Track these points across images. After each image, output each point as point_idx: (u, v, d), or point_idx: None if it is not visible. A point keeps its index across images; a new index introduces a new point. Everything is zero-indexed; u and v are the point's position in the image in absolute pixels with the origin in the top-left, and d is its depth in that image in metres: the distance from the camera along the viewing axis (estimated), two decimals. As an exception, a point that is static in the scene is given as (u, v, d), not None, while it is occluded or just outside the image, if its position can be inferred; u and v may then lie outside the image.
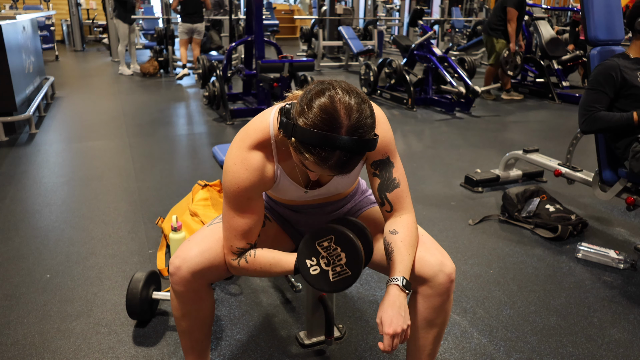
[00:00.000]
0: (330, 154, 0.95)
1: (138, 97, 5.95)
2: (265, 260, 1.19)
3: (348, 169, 1.00)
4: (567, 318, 1.87)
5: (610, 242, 2.48)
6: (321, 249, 1.12)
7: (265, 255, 1.20)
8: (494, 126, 4.86)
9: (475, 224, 2.65)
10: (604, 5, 2.32)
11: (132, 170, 3.37)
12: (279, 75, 4.54)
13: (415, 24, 6.49)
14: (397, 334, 1.07)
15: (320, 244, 1.13)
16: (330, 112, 0.95)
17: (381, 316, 1.09)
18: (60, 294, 1.94)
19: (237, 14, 8.50)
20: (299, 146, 0.98)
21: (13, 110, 4.05)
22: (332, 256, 1.12)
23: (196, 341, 1.35)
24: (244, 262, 1.20)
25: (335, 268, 1.12)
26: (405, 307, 1.10)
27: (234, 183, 1.14)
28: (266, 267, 1.19)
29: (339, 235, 1.12)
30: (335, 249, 1.12)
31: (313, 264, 1.13)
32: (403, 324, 1.08)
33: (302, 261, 1.14)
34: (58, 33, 11.76)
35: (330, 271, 1.12)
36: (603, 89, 2.16)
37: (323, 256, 1.12)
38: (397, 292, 1.10)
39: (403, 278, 1.11)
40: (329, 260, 1.12)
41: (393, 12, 12.49)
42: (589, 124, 2.20)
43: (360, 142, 0.96)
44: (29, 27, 5.04)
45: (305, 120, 0.96)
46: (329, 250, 1.12)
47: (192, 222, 2.25)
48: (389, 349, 1.07)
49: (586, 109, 2.20)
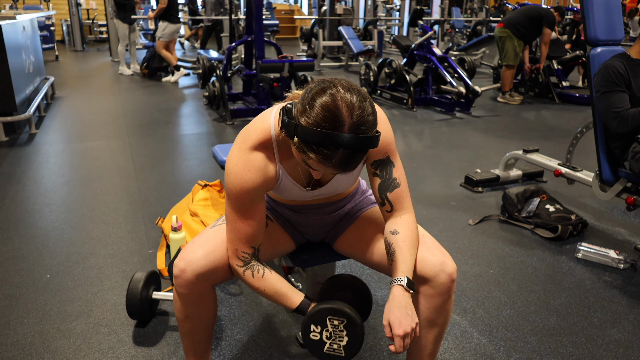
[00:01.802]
0: (334, 152, 0.96)
1: (138, 97, 5.95)
2: (271, 286, 1.19)
3: (351, 166, 1.00)
4: (567, 318, 1.87)
5: (610, 242, 2.48)
6: (330, 324, 1.15)
7: (273, 281, 1.20)
8: (494, 126, 4.86)
9: (475, 224, 2.65)
10: (604, 5, 2.32)
11: (132, 170, 3.37)
12: (279, 75, 4.54)
13: (415, 24, 6.49)
14: (407, 334, 1.07)
15: (331, 320, 1.15)
16: (333, 110, 0.95)
17: (389, 318, 1.09)
18: (60, 294, 1.94)
19: (237, 14, 8.50)
20: (302, 145, 0.98)
21: (13, 110, 4.05)
22: (336, 334, 1.15)
23: (198, 343, 1.35)
24: (250, 276, 1.20)
25: (333, 344, 1.15)
26: (411, 306, 1.11)
27: (237, 185, 1.14)
28: (270, 293, 1.20)
29: (350, 321, 1.14)
30: (342, 331, 1.14)
31: (316, 330, 1.15)
32: (412, 323, 1.08)
33: (307, 324, 1.16)
34: (58, 33, 11.76)
35: (327, 344, 1.15)
36: (619, 88, 2.14)
37: (328, 330, 1.15)
38: (402, 293, 1.11)
39: (406, 278, 1.12)
40: (331, 336, 1.15)
41: (393, 12, 12.49)
42: (622, 124, 2.15)
43: (363, 139, 0.96)
44: (29, 27, 5.04)
45: (307, 120, 0.96)
46: (336, 328, 1.15)
47: (192, 222, 2.25)
48: (401, 350, 1.07)
49: (614, 111, 2.16)
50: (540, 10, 5.56)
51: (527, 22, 5.50)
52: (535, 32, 5.57)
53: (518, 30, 5.53)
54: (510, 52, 5.59)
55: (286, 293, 1.19)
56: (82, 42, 10.62)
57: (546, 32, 5.47)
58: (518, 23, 5.54)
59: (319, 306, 1.15)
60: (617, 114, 2.15)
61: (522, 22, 5.53)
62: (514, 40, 5.55)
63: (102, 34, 12.60)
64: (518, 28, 5.52)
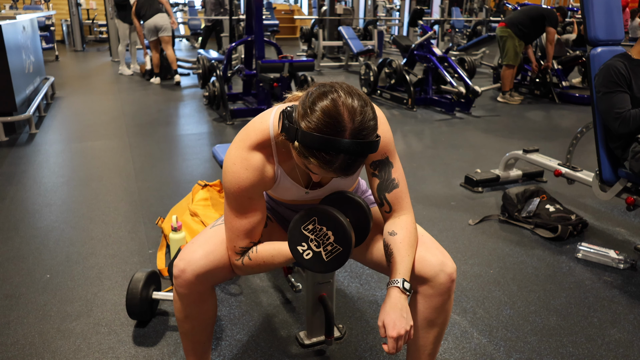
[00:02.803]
0: (335, 157, 0.95)
1: (138, 97, 5.95)
2: (267, 252, 1.20)
3: (352, 171, 1.00)
4: (567, 318, 1.87)
5: (610, 242, 2.48)
6: (308, 233, 1.13)
7: (266, 247, 1.20)
8: (494, 126, 4.86)
9: (475, 224, 2.65)
10: (604, 5, 2.32)
11: (132, 170, 3.37)
12: (279, 75, 4.54)
13: (415, 24, 6.48)
14: (400, 336, 1.07)
15: (306, 228, 1.13)
16: (334, 115, 0.94)
17: (383, 319, 1.09)
18: (60, 294, 1.94)
19: (237, 14, 8.50)
20: (302, 150, 0.97)
21: (13, 110, 4.05)
22: (320, 237, 1.13)
23: (198, 343, 1.35)
24: (248, 260, 1.20)
25: (327, 247, 1.13)
26: (407, 309, 1.11)
27: (234, 183, 1.14)
28: (269, 259, 1.19)
29: (321, 215, 1.12)
30: (321, 229, 1.12)
31: (304, 249, 1.14)
32: (406, 326, 1.08)
33: (293, 249, 1.14)
34: (58, 33, 11.76)
35: (322, 252, 1.13)
36: (620, 88, 2.14)
37: (312, 239, 1.13)
38: (398, 295, 1.11)
39: (403, 280, 1.12)
40: (319, 242, 1.13)
41: (393, 12, 12.48)
42: (624, 125, 2.14)
43: (364, 144, 0.96)
44: (29, 27, 5.04)
45: (308, 124, 0.95)
46: (315, 232, 1.13)
47: (192, 222, 2.25)
48: (394, 352, 1.07)
49: (616, 112, 2.15)
50: (542, 10, 5.56)
51: (529, 21, 5.50)
52: (537, 31, 5.56)
53: (520, 30, 5.52)
54: (511, 52, 5.58)
55: (281, 248, 1.19)
56: (82, 42, 10.62)
57: (550, 30, 5.47)
58: (520, 23, 5.53)
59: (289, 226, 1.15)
60: (619, 115, 2.14)
61: (524, 22, 5.52)
62: (515, 40, 5.54)
63: (102, 34, 12.60)
64: (520, 28, 5.52)
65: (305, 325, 1.75)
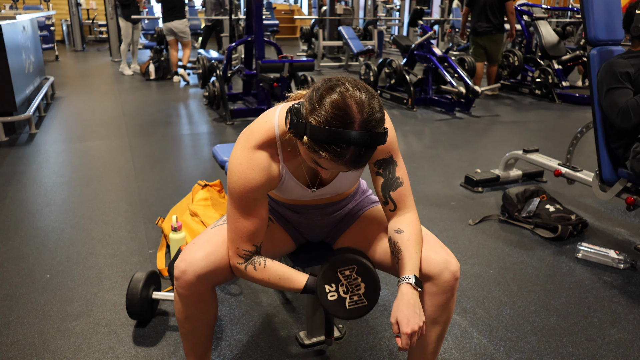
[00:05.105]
0: (346, 149, 0.96)
1: (138, 97, 5.95)
2: (275, 273, 1.19)
3: (362, 163, 1.01)
4: (567, 318, 1.87)
5: (610, 242, 2.48)
6: (342, 277, 1.15)
7: (275, 268, 1.20)
8: (494, 126, 4.86)
9: (475, 224, 2.65)
10: (604, 5, 2.32)
11: (132, 170, 3.37)
12: (279, 75, 4.54)
13: (415, 24, 6.47)
14: (414, 332, 1.08)
15: (342, 272, 1.15)
16: (343, 108, 0.95)
17: (397, 316, 1.10)
18: (60, 294, 1.94)
19: (237, 14, 8.49)
20: (312, 145, 0.98)
21: (13, 110, 4.05)
22: (352, 285, 1.15)
23: (198, 343, 1.35)
24: (252, 269, 1.19)
25: (353, 297, 1.15)
26: (419, 305, 1.12)
27: (240, 184, 1.13)
28: (274, 280, 1.19)
29: (361, 266, 1.14)
30: (356, 279, 1.15)
31: (332, 290, 1.15)
32: (419, 322, 1.09)
33: (321, 285, 1.15)
34: (58, 33, 11.76)
35: (347, 299, 1.15)
36: (623, 85, 2.13)
37: (343, 284, 1.15)
38: (410, 291, 1.11)
39: (414, 276, 1.13)
40: (348, 289, 1.15)
41: (393, 12, 12.48)
42: (626, 118, 2.11)
43: (373, 135, 0.97)
44: (29, 27, 5.04)
45: (317, 118, 0.96)
46: (349, 279, 1.15)
47: (192, 222, 2.25)
48: (407, 348, 1.09)
49: (617, 107, 2.13)
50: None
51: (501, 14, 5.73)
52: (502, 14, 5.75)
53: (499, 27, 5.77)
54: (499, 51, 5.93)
55: (291, 276, 1.19)
56: (82, 42, 10.62)
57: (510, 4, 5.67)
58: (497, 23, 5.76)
59: (327, 264, 1.15)
60: (620, 109, 2.14)
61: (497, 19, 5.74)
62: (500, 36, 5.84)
63: (102, 34, 12.60)
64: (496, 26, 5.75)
65: (305, 325, 1.75)
